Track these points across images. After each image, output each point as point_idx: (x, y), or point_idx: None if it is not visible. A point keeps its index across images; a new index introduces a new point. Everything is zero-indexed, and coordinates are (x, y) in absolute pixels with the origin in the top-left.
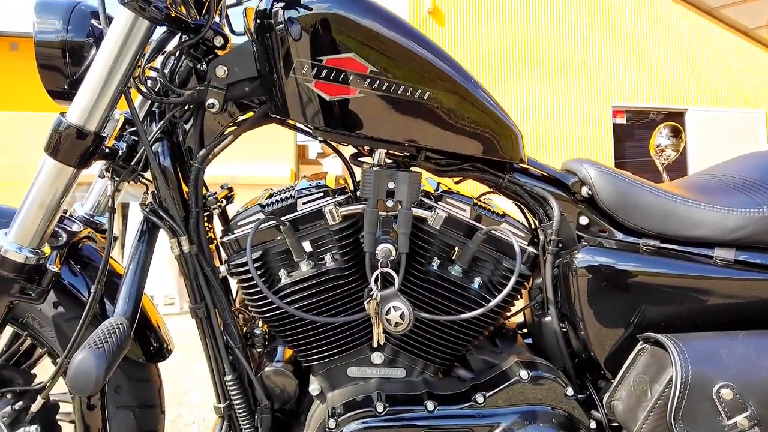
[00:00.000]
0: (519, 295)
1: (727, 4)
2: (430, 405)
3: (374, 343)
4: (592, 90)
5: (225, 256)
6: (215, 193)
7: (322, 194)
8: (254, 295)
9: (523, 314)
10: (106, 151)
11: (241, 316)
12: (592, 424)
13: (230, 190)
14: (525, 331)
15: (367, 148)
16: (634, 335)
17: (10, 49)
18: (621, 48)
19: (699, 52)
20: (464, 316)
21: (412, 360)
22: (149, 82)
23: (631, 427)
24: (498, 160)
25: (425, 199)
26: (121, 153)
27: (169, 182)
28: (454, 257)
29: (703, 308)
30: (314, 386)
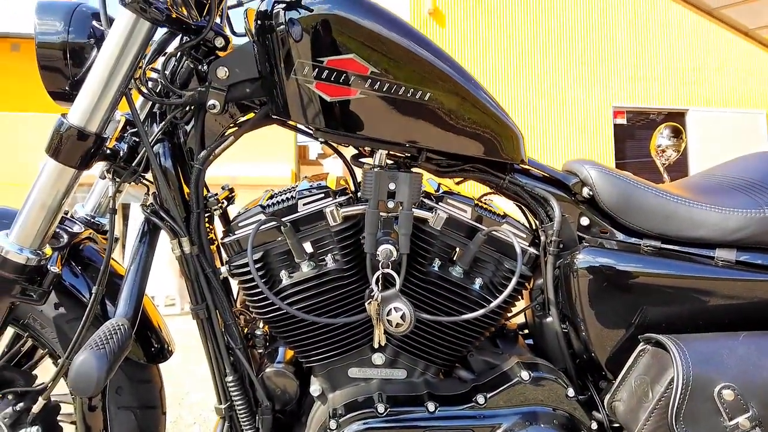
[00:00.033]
0: (520, 296)
1: (728, 5)
2: (431, 406)
3: (375, 344)
4: (592, 90)
5: (226, 257)
6: (216, 194)
7: (323, 195)
8: (255, 296)
9: (524, 315)
10: (107, 152)
11: (242, 317)
12: (594, 425)
13: (231, 191)
14: (526, 332)
15: (367, 149)
16: (635, 336)
17: (11, 50)
18: (621, 48)
19: (700, 53)
20: (465, 317)
21: (413, 361)
22: (150, 84)
23: (633, 427)
24: (499, 160)
25: (426, 200)
26: (122, 154)
27: (170, 183)
28: (455, 258)
29: (704, 309)
30: (315, 387)
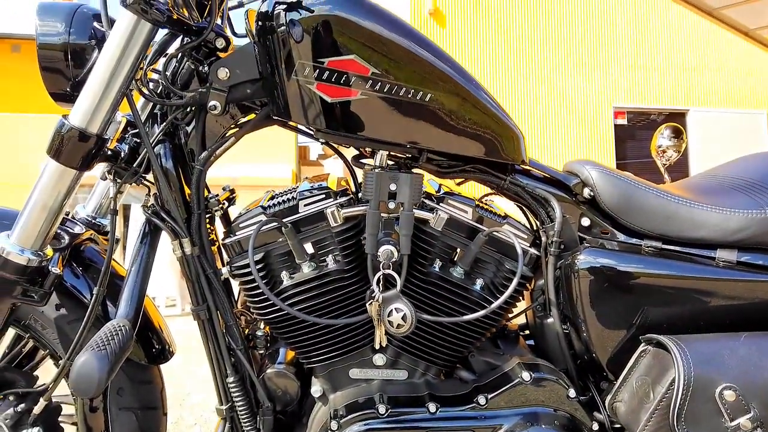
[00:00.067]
0: (521, 297)
1: (728, 5)
2: (432, 407)
3: (376, 345)
4: (593, 91)
5: (227, 258)
6: (217, 195)
7: (324, 196)
8: (256, 297)
9: (525, 316)
10: (108, 153)
11: (243, 318)
12: (595, 426)
13: (232, 192)
14: (527, 333)
15: (368, 149)
16: (637, 337)
17: (12, 51)
18: (622, 49)
19: (700, 53)
20: (466, 318)
21: (414, 362)
22: (151, 85)
23: (634, 428)
24: (500, 161)
25: (427, 201)
26: (123, 155)
27: (171, 184)
28: (456, 259)
29: (705, 309)
30: (316, 388)
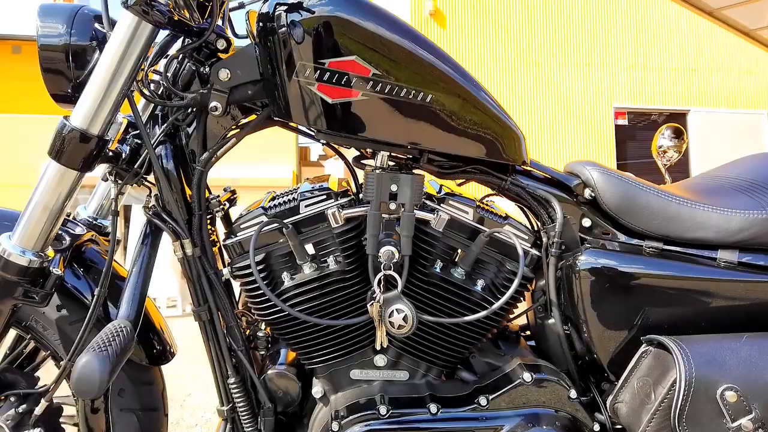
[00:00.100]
0: (522, 298)
1: (729, 5)
2: (433, 408)
3: (377, 346)
4: (593, 91)
5: (228, 259)
6: (218, 196)
7: (325, 197)
8: (257, 298)
9: (526, 316)
10: (110, 154)
11: (244, 319)
12: (596, 427)
13: (233, 193)
14: (528, 334)
15: (369, 150)
16: (638, 337)
17: (13, 52)
18: (622, 49)
19: (700, 54)
20: (467, 319)
21: (415, 362)
22: (152, 86)
23: (635, 429)
24: (500, 162)
25: (428, 202)
26: (124, 156)
27: (172, 185)
28: (457, 260)
29: (706, 310)
30: (317, 389)
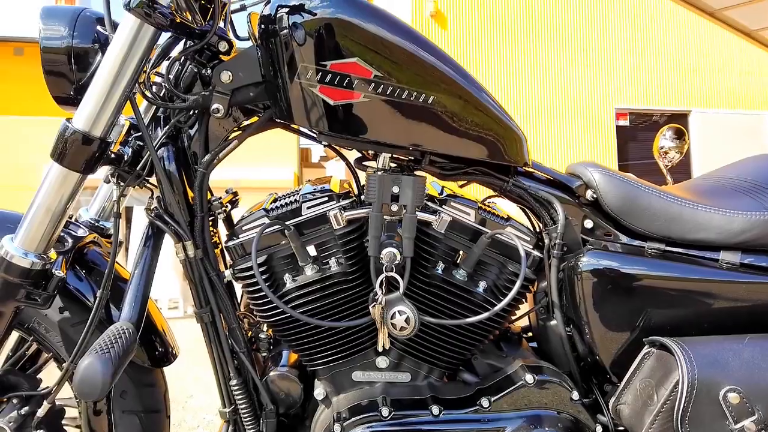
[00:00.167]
0: (524, 299)
1: (730, 6)
2: (435, 409)
3: (379, 348)
4: (594, 92)
5: (230, 261)
6: (220, 198)
7: (327, 198)
8: (259, 300)
9: (528, 318)
10: (112, 156)
11: (246, 321)
12: (598, 429)
13: (235, 195)
14: (530, 335)
15: (371, 152)
16: (640, 339)
17: (15, 54)
18: (624, 50)
19: (702, 54)
20: (469, 320)
21: (417, 364)
22: (154, 88)
23: (638, 431)
24: (502, 163)
25: (430, 203)
26: (126, 158)
27: (174, 187)
28: (458, 261)
29: (708, 312)
30: (319, 391)
